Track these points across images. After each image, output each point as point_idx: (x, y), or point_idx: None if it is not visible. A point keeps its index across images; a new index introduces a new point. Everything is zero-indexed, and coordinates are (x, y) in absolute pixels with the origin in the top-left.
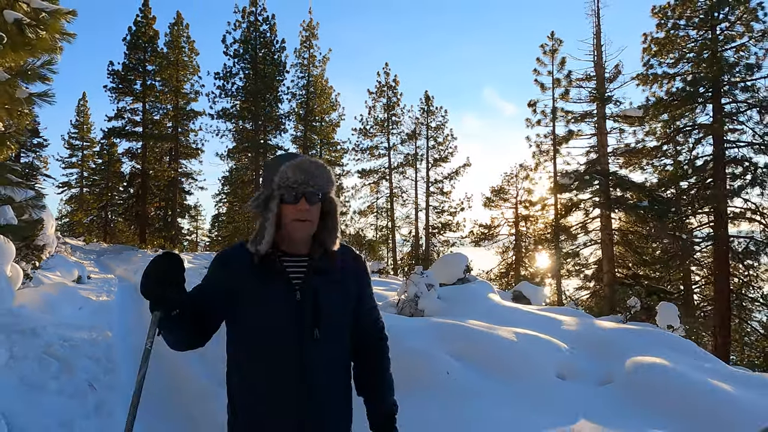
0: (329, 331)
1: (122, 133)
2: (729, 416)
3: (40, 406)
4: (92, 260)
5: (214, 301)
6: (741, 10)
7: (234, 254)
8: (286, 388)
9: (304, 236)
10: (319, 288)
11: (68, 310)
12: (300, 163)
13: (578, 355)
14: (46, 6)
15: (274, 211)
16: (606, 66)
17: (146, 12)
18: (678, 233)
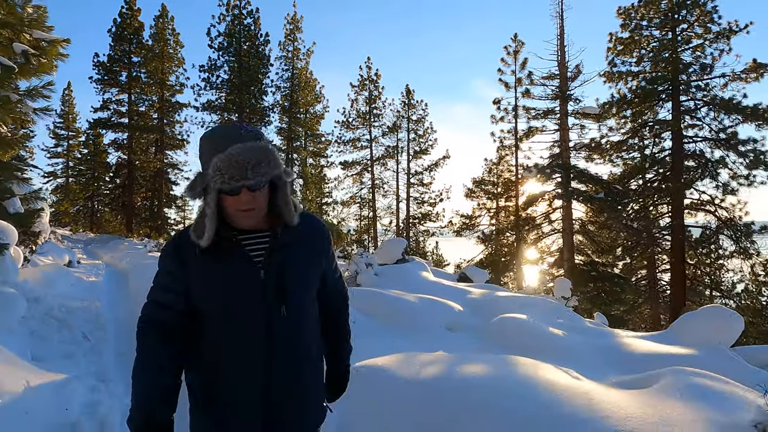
0: (296, 307)
1: (108, 124)
2: (550, 348)
3: (49, 348)
4: (80, 248)
5: (177, 290)
6: (698, 12)
7: (184, 242)
8: (255, 369)
9: (251, 224)
10: (284, 264)
11: (63, 286)
12: (237, 155)
13: (466, 314)
14: (45, 36)
15: (212, 205)
16: (568, 65)
17: (131, 4)
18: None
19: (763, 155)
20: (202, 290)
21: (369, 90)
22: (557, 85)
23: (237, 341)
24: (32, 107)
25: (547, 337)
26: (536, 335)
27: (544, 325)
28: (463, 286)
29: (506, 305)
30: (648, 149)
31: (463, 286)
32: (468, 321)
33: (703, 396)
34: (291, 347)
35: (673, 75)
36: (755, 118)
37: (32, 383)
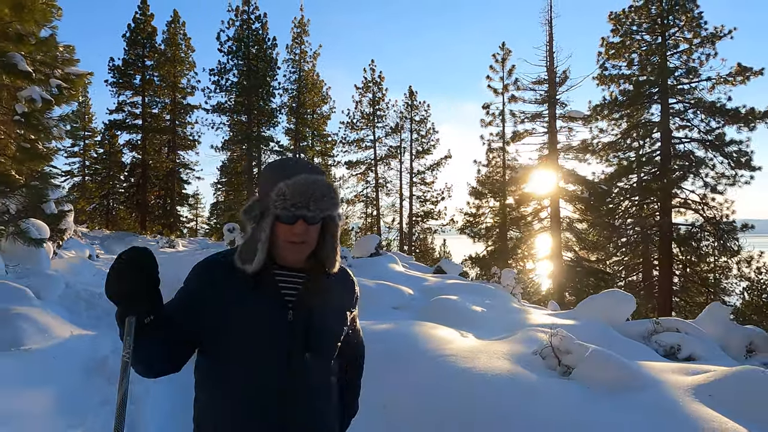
0: (320, 355)
1: (123, 125)
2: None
3: (80, 319)
4: (97, 244)
5: (193, 310)
6: (685, 18)
7: (217, 265)
8: (271, 409)
9: (297, 258)
10: (314, 309)
11: (87, 275)
12: (301, 183)
13: (415, 297)
14: (74, 71)
15: (267, 231)
16: (557, 71)
17: (144, 9)
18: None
19: (745, 156)
20: (227, 321)
21: (373, 92)
22: (546, 90)
23: (255, 378)
24: (64, 129)
25: (467, 312)
26: (459, 311)
27: (469, 304)
28: (428, 276)
29: (450, 290)
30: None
31: (428, 276)
32: (414, 302)
33: (527, 340)
34: (310, 394)
35: (661, 78)
36: (736, 121)
37: (74, 333)
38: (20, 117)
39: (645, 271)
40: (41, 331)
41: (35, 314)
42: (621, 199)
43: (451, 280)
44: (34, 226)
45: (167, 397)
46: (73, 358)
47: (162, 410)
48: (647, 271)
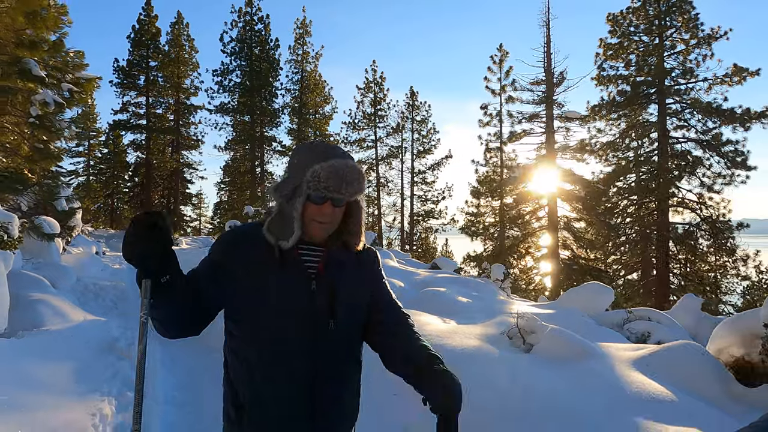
0: (343, 323)
1: (127, 125)
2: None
3: (90, 309)
4: (102, 242)
5: (217, 280)
6: (681, 19)
7: (247, 236)
8: (298, 378)
9: (320, 236)
10: (336, 279)
11: (95, 270)
12: (337, 167)
13: (406, 289)
14: (83, 75)
15: (299, 209)
16: (554, 72)
17: (149, 11)
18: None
19: (741, 156)
20: (253, 291)
21: (374, 92)
22: (544, 90)
23: (282, 346)
24: (75, 130)
25: (453, 302)
26: (445, 301)
27: (456, 295)
28: (421, 271)
29: (439, 283)
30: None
31: (421, 271)
32: (405, 293)
33: (500, 324)
34: (335, 361)
35: (659, 79)
36: (732, 121)
37: (87, 318)
38: (35, 119)
39: (644, 270)
40: (58, 315)
41: (52, 301)
42: (619, 198)
43: (442, 275)
44: (46, 222)
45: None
46: (87, 338)
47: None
48: (646, 269)
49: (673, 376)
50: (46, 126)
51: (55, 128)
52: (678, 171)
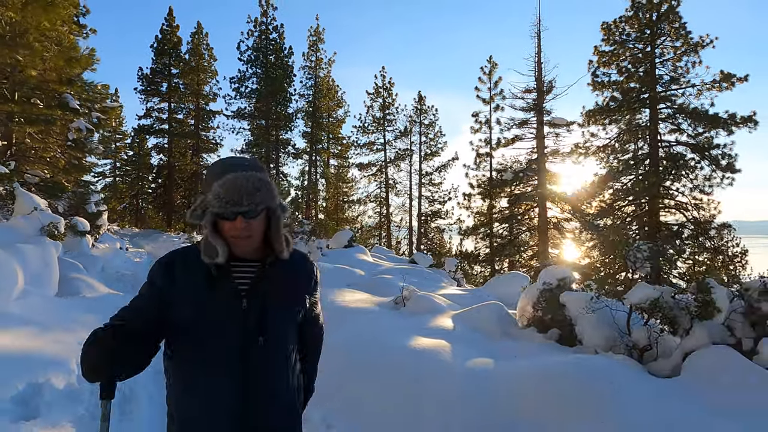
0: (274, 339)
1: (151, 130)
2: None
3: (112, 287)
4: (127, 239)
5: (157, 312)
6: (670, 28)
7: (182, 259)
8: (227, 395)
9: (245, 250)
10: (267, 295)
11: (119, 262)
12: (234, 181)
13: (365, 277)
14: (109, 105)
15: (209, 227)
16: (544, 80)
17: (171, 21)
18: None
19: (728, 159)
20: (187, 312)
21: (383, 97)
22: (535, 98)
23: (213, 365)
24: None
25: (390, 284)
26: (389, 285)
27: (398, 281)
28: (386, 263)
29: (392, 272)
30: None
31: (386, 263)
32: (362, 280)
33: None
34: (264, 377)
35: (650, 86)
36: (717, 125)
37: (111, 292)
38: (71, 142)
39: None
40: (90, 288)
41: (85, 279)
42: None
43: (402, 266)
44: (79, 222)
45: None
46: (109, 303)
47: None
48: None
49: (472, 323)
50: (80, 147)
51: (88, 149)
52: (668, 173)
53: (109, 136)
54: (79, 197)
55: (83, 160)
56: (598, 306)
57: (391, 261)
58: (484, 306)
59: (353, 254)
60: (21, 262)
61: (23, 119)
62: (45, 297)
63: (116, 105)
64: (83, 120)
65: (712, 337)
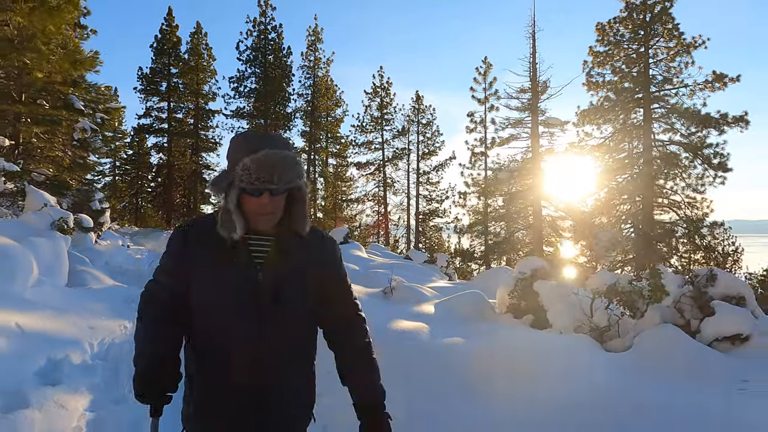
0: (290, 312)
1: (150, 129)
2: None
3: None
4: (128, 237)
5: (178, 277)
6: (663, 29)
7: (198, 232)
8: (245, 364)
9: (267, 226)
10: (282, 268)
11: (121, 258)
12: (266, 158)
13: (359, 271)
14: (112, 105)
15: (234, 202)
16: (539, 81)
17: (170, 21)
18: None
19: (718, 158)
20: (204, 281)
21: (381, 97)
22: (529, 98)
23: (230, 336)
24: (105, 148)
25: (382, 277)
26: (382, 278)
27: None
28: (380, 259)
29: (386, 267)
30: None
31: (380, 259)
32: (356, 274)
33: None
34: (280, 348)
35: (644, 86)
36: (708, 125)
37: (115, 284)
38: (77, 142)
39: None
40: (96, 280)
41: (92, 271)
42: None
43: (395, 262)
44: (84, 218)
45: None
46: (115, 294)
47: None
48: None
49: (452, 309)
50: (84, 146)
51: (92, 148)
52: (661, 172)
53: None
54: (83, 195)
55: (87, 160)
56: (566, 292)
57: (386, 257)
58: (464, 294)
59: (348, 250)
60: (35, 254)
61: (30, 120)
62: (56, 286)
63: (119, 106)
64: (87, 120)
65: (663, 318)
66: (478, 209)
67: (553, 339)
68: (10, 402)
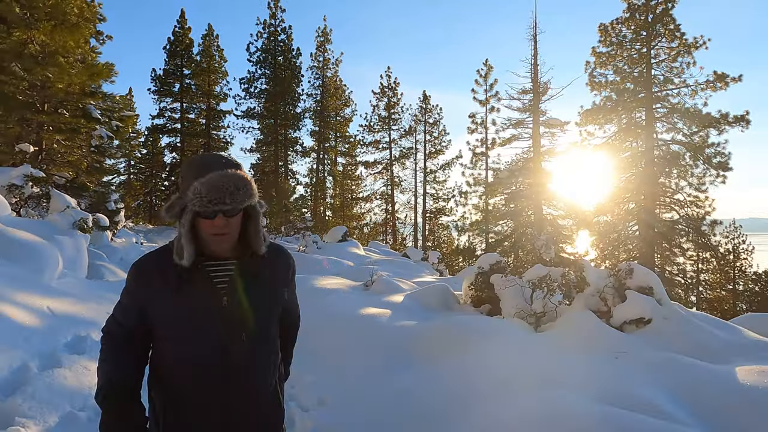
0: (256, 335)
1: (164, 129)
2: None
3: None
4: (141, 235)
5: (140, 315)
6: (665, 30)
7: (154, 265)
8: (212, 392)
9: (224, 248)
10: (247, 292)
11: (134, 254)
12: (216, 180)
13: (353, 267)
14: (126, 114)
15: (187, 227)
16: (540, 82)
17: (183, 23)
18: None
19: (719, 157)
20: (166, 313)
21: (388, 97)
22: (530, 99)
23: (197, 364)
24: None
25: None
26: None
27: (382, 271)
28: (375, 256)
29: (378, 263)
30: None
31: (375, 256)
32: (350, 270)
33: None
34: (248, 373)
35: (646, 86)
36: (709, 124)
37: None
38: (94, 148)
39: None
40: (113, 274)
41: (109, 266)
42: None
43: (388, 258)
44: (102, 218)
45: None
46: None
47: None
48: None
49: (418, 300)
50: (101, 152)
51: (108, 153)
52: (663, 171)
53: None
54: (100, 196)
55: (103, 164)
56: (511, 283)
57: (384, 254)
58: (431, 287)
59: (346, 248)
60: (60, 250)
61: (52, 128)
62: (78, 278)
63: (133, 114)
64: (104, 128)
65: (589, 305)
66: (480, 207)
67: (493, 322)
68: (48, 362)
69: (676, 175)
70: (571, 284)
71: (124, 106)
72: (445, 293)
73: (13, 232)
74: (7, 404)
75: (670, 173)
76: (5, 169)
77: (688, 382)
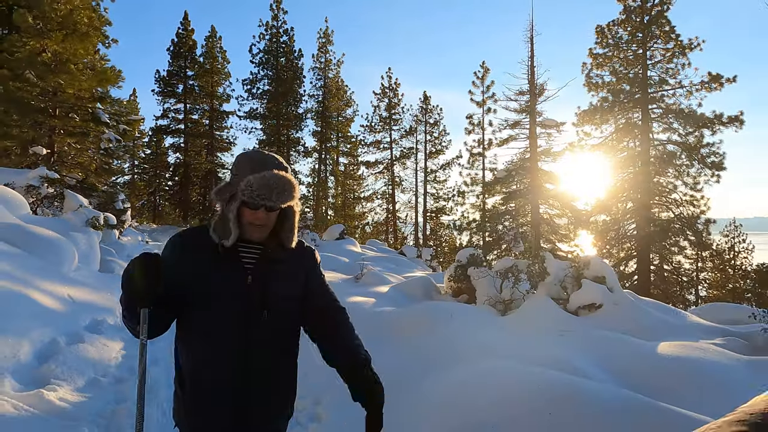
0: (276, 314)
1: (168, 130)
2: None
3: None
4: (146, 234)
5: (175, 287)
6: (660, 32)
7: (192, 239)
8: (230, 365)
9: (258, 237)
10: (270, 274)
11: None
12: (267, 179)
13: (349, 263)
14: (133, 117)
15: (234, 213)
16: (537, 83)
17: (186, 25)
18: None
19: (713, 157)
20: (200, 282)
21: (389, 97)
22: (527, 100)
23: (220, 335)
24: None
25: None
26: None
27: (375, 266)
28: (371, 253)
29: (372, 259)
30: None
31: (371, 253)
32: (345, 265)
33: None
34: (267, 347)
35: (642, 87)
36: (704, 125)
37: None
38: (103, 151)
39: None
40: (121, 268)
41: (118, 261)
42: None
43: (382, 254)
44: (110, 217)
45: None
46: None
47: None
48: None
49: (404, 291)
50: (110, 154)
51: (116, 155)
52: (659, 170)
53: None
54: (109, 196)
55: (111, 165)
56: (484, 274)
57: (380, 252)
58: (414, 279)
59: (343, 245)
60: (75, 245)
61: (63, 131)
62: (91, 271)
63: (138, 118)
64: (112, 132)
65: (551, 293)
66: (478, 206)
67: (463, 308)
68: (73, 339)
69: (672, 175)
70: (535, 274)
71: (130, 110)
72: (427, 284)
73: (34, 228)
74: (43, 369)
75: (666, 173)
76: (23, 171)
77: (613, 352)
